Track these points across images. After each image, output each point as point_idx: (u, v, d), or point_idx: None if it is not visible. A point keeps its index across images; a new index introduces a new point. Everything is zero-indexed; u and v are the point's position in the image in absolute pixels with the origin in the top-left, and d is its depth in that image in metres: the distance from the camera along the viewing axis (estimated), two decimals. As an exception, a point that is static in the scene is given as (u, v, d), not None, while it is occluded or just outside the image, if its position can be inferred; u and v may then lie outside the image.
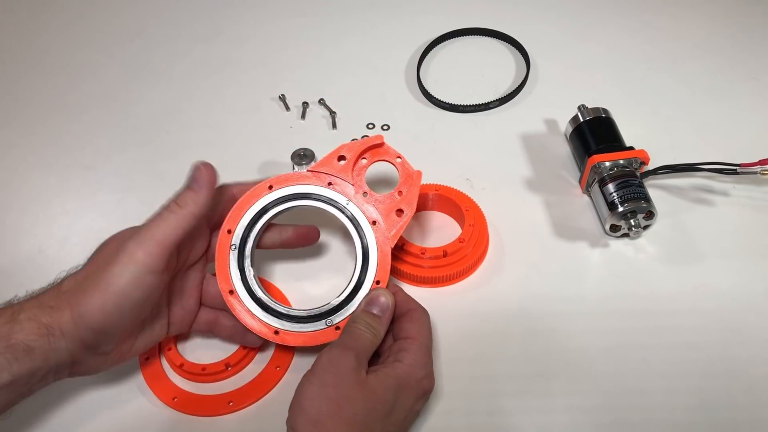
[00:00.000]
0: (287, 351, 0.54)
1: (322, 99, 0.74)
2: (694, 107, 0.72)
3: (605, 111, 0.65)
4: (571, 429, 0.49)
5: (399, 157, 0.53)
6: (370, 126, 0.72)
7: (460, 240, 0.57)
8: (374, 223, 0.51)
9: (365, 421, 0.41)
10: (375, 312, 0.47)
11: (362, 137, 0.70)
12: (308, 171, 0.51)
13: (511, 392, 0.51)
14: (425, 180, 0.63)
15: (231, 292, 0.50)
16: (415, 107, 0.74)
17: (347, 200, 0.51)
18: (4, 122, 0.75)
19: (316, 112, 0.73)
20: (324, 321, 0.49)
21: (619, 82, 0.75)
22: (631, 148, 0.62)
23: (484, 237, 0.60)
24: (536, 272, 0.59)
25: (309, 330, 0.49)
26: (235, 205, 0.51)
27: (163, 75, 0.79)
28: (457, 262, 0.57)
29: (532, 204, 0.64)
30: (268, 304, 0.50)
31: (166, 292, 0.48)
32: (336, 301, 0.50)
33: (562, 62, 0.77)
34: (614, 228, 0.60)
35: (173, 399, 0.52)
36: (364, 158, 0.53)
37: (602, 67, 0.77)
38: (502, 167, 0.67)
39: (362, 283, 0.50)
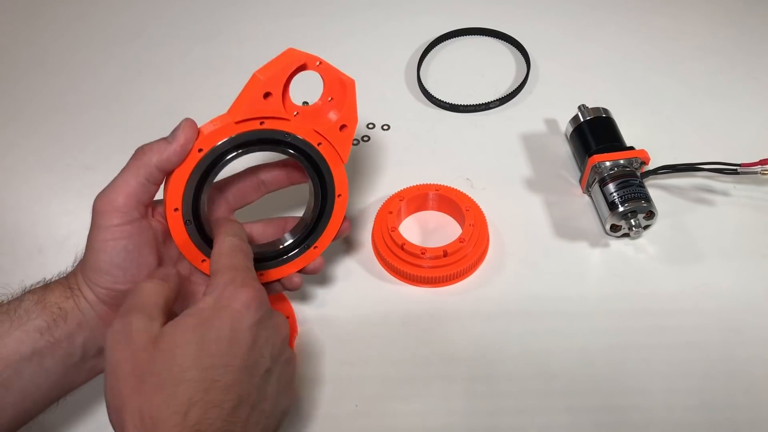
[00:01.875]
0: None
1: (322, 99, 0.74)
2: (694, 107, 0.72)
3: (605, 111, 0.65)
4: (571, 429, 0.49)
5: (319, 61, 0.46)
6: (370, 126, 0.72)
7: (460, 240, 0.57)
8: (320, 143, 0.48)
9: (175, 375, 0.35)
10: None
11: (362, 137, 0.70)
12: (235, 122, 0.44)
13: (511, 392, 0.51)
14: (426, 180, 0.63)
15: (176, 209, 0.45)
16: (415, 107, 0.74)
17: (285, 133, 0.46)
18: (4, 122, 0.75)
19: (316, 112, 0.73)
20: (302, 246, 0.51)
21: (619, 82, 0.75)
22: (632, 148, 0.62)
23: (484, 237, 0.60)
24: (536, 272, 0.59)
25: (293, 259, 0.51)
26: (170, 181, 0.44)
27: (163, 75, 0.79)
28: (457, 262, 0.57)
29: (533, 204, 0.64)
30: (209, 234, 0.47)
31: (158, 233, 0.45)
32: (274, 250, 0.50)
33: (562, 62, 0.77)
34: (615, 228, 0.60)
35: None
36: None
37: (602, 67, 0.77)
38: (502, 167, 0.67)
39: (326, 204, 0.50)
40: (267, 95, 0.44)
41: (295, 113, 0.46)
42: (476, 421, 0.50)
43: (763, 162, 0.59)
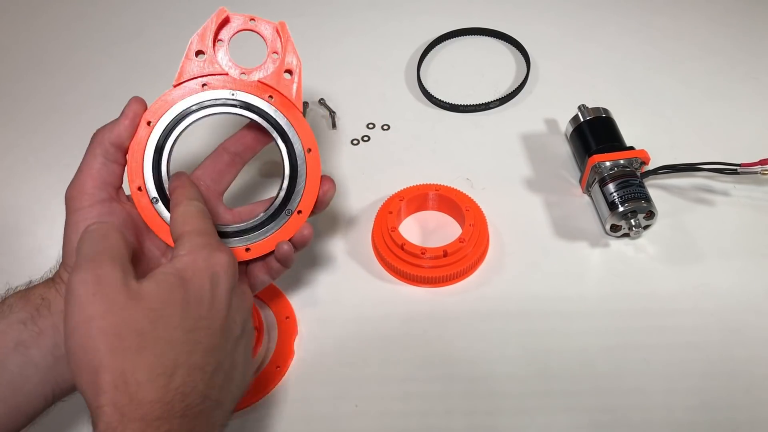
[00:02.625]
0: (287, 351, 0.54)
1: (322, 99, 0.74)
2: (694, 107, 0.72)
3: (605, 111, 0.65)
4: (571, 429, 0.49)
5: (252, 18, 0.47)
6: (370, 126, 0.72)
7: (460, 240, 0.57)
8: (270, 97, 0.46)
9: (161, 335, 0.33)
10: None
11: (362, 137, 0.70)
12: (173, 86, 0.46)
13: (511, 392, 0.51)
14: (425, 180, 0.63)
15: (139, 188, 0.44)
16: (415, 107, 0.74)
17: (230, 92, 0.46)
18: (4, 122, 0.75)
19: (316, 112, 0.73)
20: (284, 212, 0.46)
21: (619, 82, 0.75)
22: (632, 148, 0.62)
23: (484, 237, 0.60)
24: (536, 272, 0.59)
25: (273, 230, 0.46)
26: (128, 160, 0.45)
27: (163, 75, 0.79)
28: (457, 262, 0.57)
29: (533, 204, 0.64)
30: None
31: (136, 219, 0.45)
32: (257, 221, 0.46)
33: (562, 62, 0.77)
34: (614, 228, 0.60)
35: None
36: (220, 40, 0.47)
37: (602, 67, 0.77)
38: (502, 167, 0.67)
39: (296, 161, 0.46)
40: (199, 53, 0.45)
41: (241, 74, 0.46)
42: (476, 421, 0.50)
43: (763, 162, 0.59)
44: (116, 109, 0.78)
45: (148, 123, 0.45)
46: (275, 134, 0.46)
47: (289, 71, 0.46)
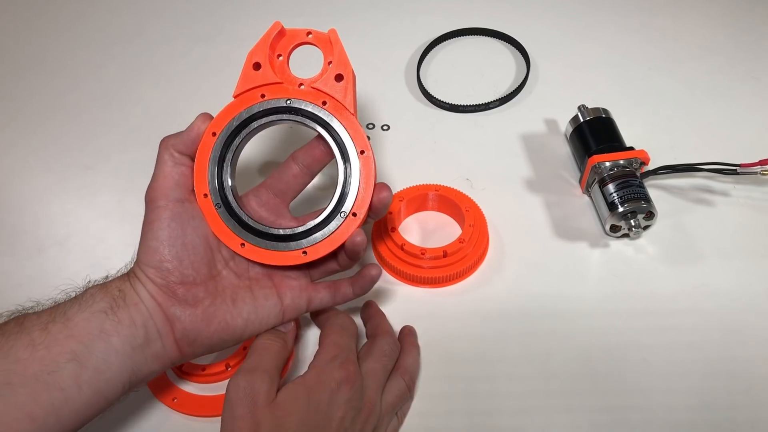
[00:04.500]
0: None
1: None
2: (694, 107, 0.72)
3: (605, 111, 0.65)
4: (571, 429, 0.49)
5: (309, 32, 0.48)
6: (370, 126, 0.72)
7: (460, 240, 0.57)
8: (324, 102, 0.47)
9: None
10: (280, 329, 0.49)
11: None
12: (233, 96, 0.48)
13: (511, 392, 0.51)
14: (425, 180, 0.63)
15: (205, 195, 0.47)
16: (415, 107, 0.74)
17: (285, 99, 0.47)
18: (4, 122, 0.75)
19: (316, 112, 0.73)
20: (295, 243, 0.47)
21: (619, 82, 0.75)
22: (631, 148, 0.62)
23: (484, 237, 0.60)
24: (536, 272, 0.59)
25: (278, 250, 0.47)
26: (195, 168, 0.47)
27: (163, 75, 0.79)
28: (457, 263, 0.57)
29: (532, 204, 0.64)
30: (240, 215, 0.47)
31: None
32: (312, 223, 0.47)
33: (562, 62, 0.77)
34: (614, 228, 0.60)
35: (173, 400, 0.52)
36: (280, 55, 0.49)
37: (602, 67, 0.77)
38: (502, 167, 0.67)
39: (350, 164, 0.47)
40: (257, 66, 0.47)
41: (300, 85, 0.48)
42: (476, 420, 0.50)
43: (762, 162, 0.59)
44: (117, 109, 0.78)
45: (213, 134, 0.47)
46: (327, 137, 0.47)
47: (341, 76, 0.47)
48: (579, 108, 0.66)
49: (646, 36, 0.80)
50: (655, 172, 0.62)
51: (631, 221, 0.58)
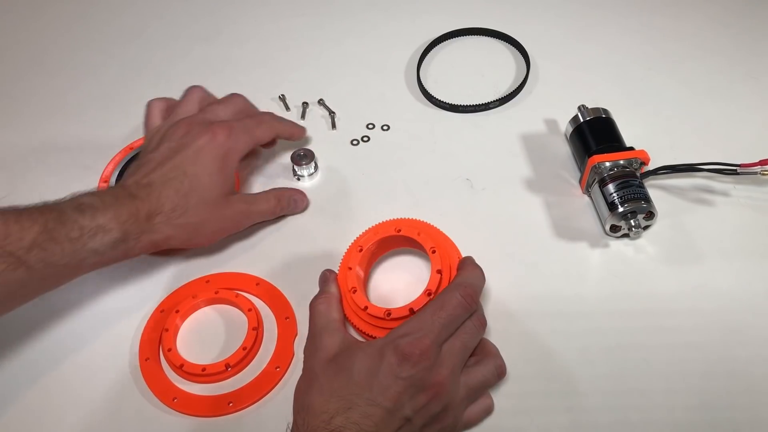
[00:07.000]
0: (287, 351, 0.54)
1: (321, 99, 0.74)
2: (694, 107, 0.72)
3: (605, 111, 0.65)
4: (571, 429, 0.49)
5: (434, 249, 0.52)
6: (370, 126, 0.72)
7: (427, 293, 0.50)
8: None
9: (333, 387, 0.45)
10: None
11: (362, 138, 0.70)
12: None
13: (511, 392, 0.51)
14: (426, 180, 0.63)
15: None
16: (415, 107, 0.74)
17: None
18: (4, 122, 0.75)
19: (315, 112, 0.73)
20: None
21: (619, 82, 0.75)
22: (632, 148, 0.62)
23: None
24: (536, 272, 0.59)
25: None
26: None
27: (163, 75, 0.79)
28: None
29: (532, 204, 0.64)
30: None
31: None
32: None
33: (562, 62, 0.77)
34: (614, 228, 0.60)
35: (173, 400, 0.52)
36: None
37: (602, 67, 0.77)
38: (502, 167, 0.67)
39: None
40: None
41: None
42: (476, 421, 0.50)
43: (762, 162, 0.59)
44: (117, 109, 0.78)
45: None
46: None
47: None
48: (579, 108, 0.66)
49: (646, 36, 0.80)
50: (655, 172, 0.62)
51: (631, 221, 0.58)
